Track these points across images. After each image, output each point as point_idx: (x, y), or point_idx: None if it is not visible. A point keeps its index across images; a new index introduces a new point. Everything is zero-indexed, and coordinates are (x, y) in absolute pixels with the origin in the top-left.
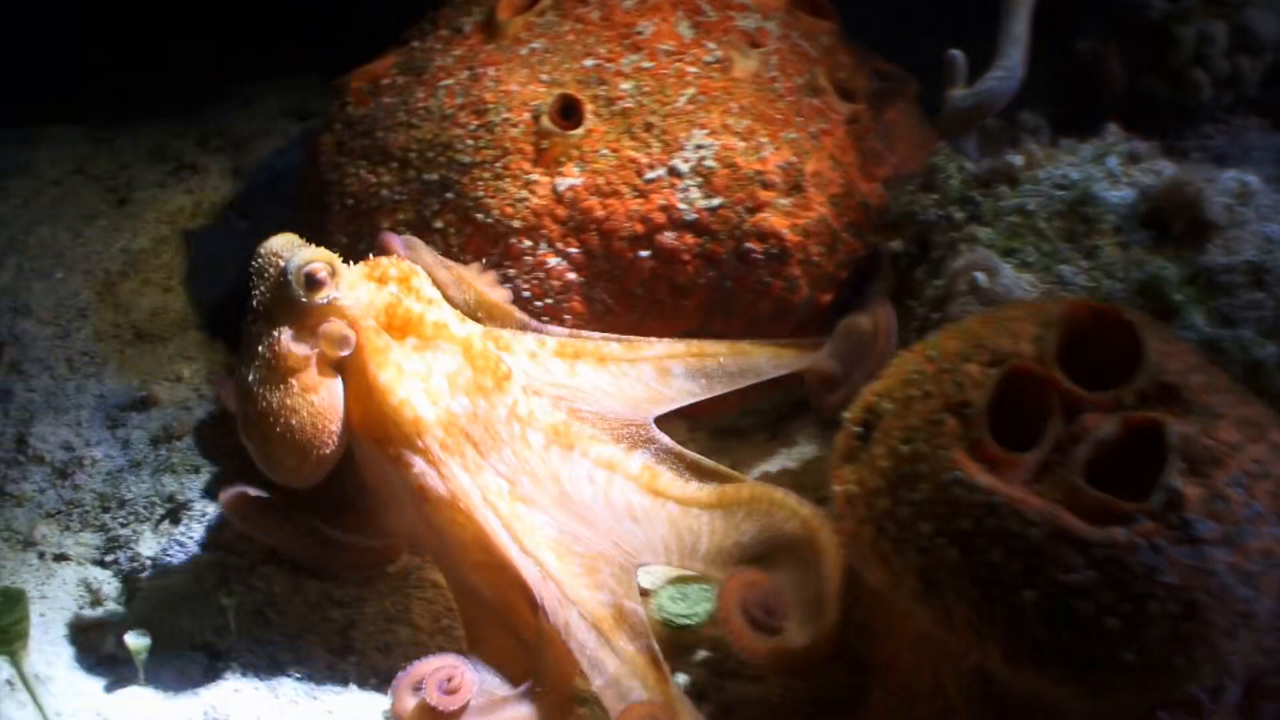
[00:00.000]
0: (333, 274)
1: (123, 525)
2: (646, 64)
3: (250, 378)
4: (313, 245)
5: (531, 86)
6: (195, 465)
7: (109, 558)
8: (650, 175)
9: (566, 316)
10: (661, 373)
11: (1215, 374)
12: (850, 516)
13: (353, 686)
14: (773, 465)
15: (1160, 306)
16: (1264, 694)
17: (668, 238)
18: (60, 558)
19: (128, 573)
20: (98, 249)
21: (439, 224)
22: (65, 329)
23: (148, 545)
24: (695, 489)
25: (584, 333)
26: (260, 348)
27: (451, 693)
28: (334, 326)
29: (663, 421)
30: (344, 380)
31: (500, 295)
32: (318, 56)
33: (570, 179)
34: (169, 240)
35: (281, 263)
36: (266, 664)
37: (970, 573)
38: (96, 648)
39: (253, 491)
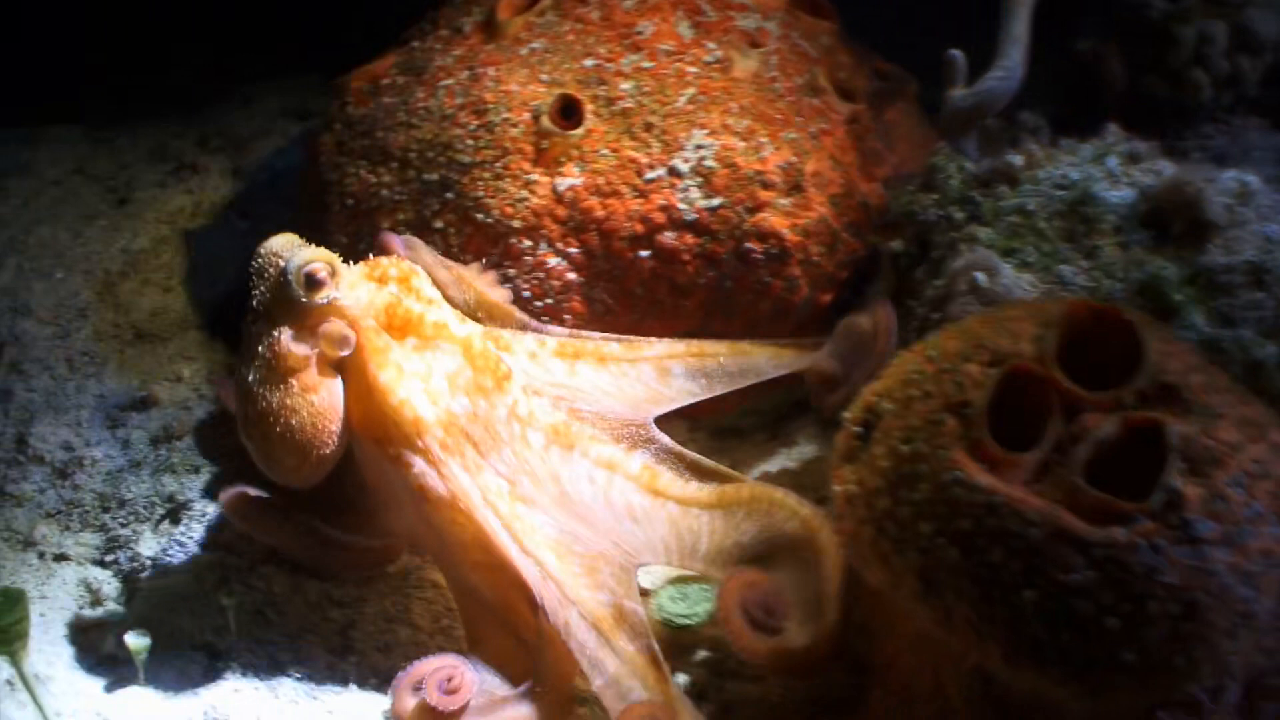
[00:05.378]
0: (333, 274)
1: (123, 525)
2: (646, 64)
3: (250, 378)
4: (313, 245)
5: (531, 86)
6: (195, 465)
7: (109, 558)
8: (650, 175)
9: (566, 316)
10: (661, 373)
11: (1215, 374)
12: (850, 516)
13: (353, 686)
14: (773, 465)
15: (1160, 306)
16: (1264, 694)
17: (668, 238)
18: (60, 558)
19: (128, 573)
20: (98, 249)
21: (439, 224)
22: (65, 329)
23: (148, 545)
24: (695, 489)
25: (584, 333)
26: (260, 348)
27: (451, 693)
28: (334, 326)
29: (663, 421)
30: (344, 380)
31: (500, 295)
32: (318, 56)
33: (570, 179)
34: (169, 240)
35: (281, 263)
36: (266, 664)
37: (970, 573)
38: (96, 648)
39: (253, 491)
